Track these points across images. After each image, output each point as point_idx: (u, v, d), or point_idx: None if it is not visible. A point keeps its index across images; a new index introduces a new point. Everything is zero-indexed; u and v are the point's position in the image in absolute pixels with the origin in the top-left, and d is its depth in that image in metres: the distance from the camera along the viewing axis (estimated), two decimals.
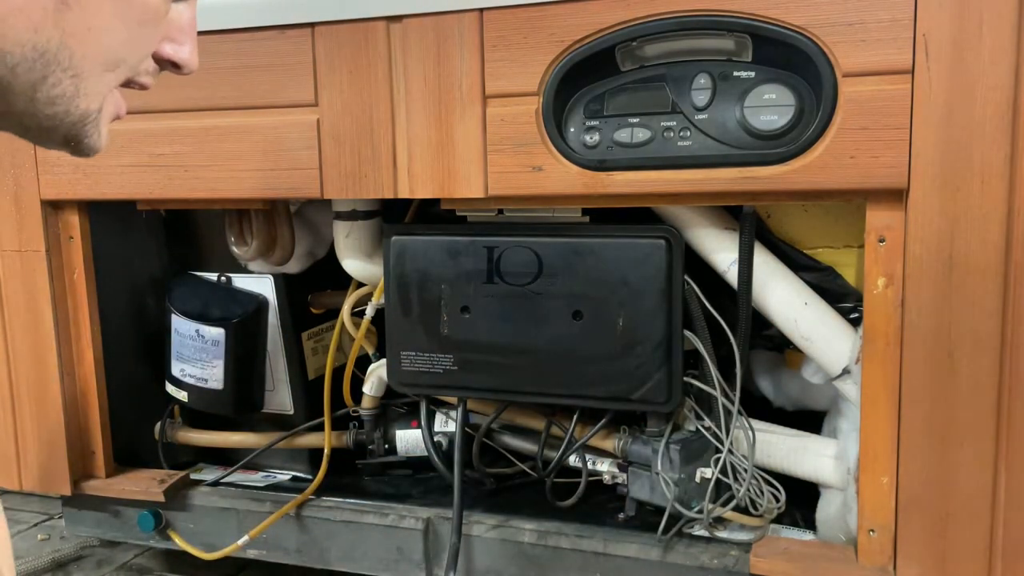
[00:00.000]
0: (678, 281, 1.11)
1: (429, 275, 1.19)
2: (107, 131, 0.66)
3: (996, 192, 0.93)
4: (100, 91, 0.63)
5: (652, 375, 1.12)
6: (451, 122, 1.10)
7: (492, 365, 1.18)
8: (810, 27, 0.96)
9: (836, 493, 1.14)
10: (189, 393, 1.42)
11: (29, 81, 0.58)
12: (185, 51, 0.67)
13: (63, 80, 0.59)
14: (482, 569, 1.24)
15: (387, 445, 1.42)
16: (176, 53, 0.67)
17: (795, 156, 0.99)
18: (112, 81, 0.63)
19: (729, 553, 1.13)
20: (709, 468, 1.15)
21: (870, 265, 1.00)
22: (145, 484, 1.40)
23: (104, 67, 0.62)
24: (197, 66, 0.69)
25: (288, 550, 1.36)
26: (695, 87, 1.03)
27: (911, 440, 1.00)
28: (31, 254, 1.36)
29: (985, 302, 0.95)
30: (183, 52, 0.67)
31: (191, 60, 0.68)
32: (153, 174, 1.26)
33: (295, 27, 1.15)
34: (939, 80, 0.93)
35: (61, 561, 1.56)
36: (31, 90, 0.59)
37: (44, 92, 0.59)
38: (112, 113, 0.66)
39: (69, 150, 0.65)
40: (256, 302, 1.41)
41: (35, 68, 0.58)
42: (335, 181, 1.17)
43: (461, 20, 1.08)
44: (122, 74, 0.64)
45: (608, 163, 1.06)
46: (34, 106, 0.60)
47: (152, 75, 0.67)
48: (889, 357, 1.00)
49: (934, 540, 1.01)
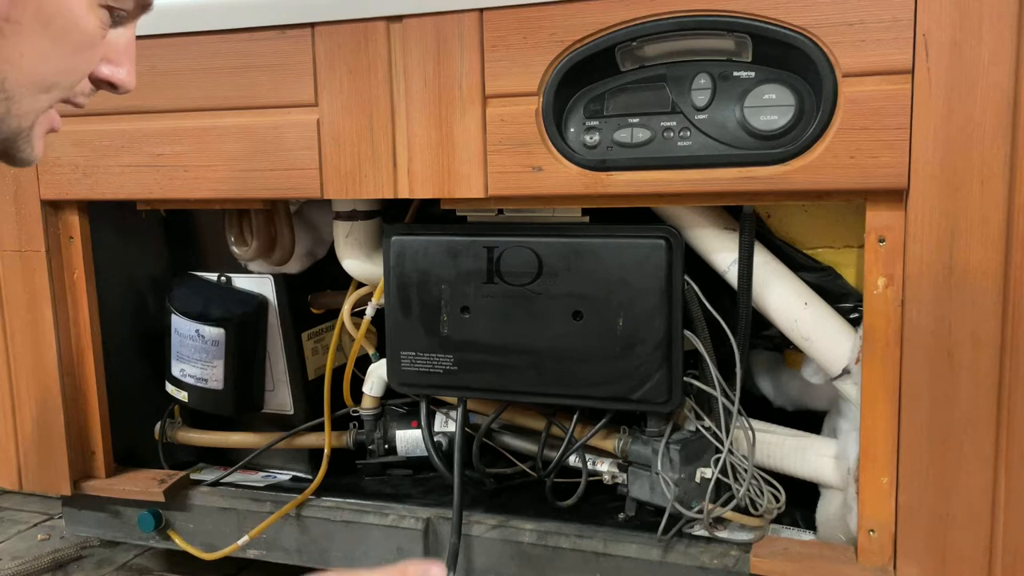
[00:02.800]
0: (678, 281, 1.11)
1: (429, 275, 1.19)
2: (42, 144, 0.68)
3: (996, 192, 0.93)
4: (33, 111, 0.65)
5: (652, 375, 1.12)
6: (451, 122, 1.10)
7: (492, 365, 1.18)
8: (810, 27, 0.96)
9: (836, 493, 1.14)
10: (189, 393, 1.42)
11: None
12: (122, 72, 0.69)
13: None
14: (482, 569, 1.24)
15: (387, 445, 1.42)
16: (113, 75, 0.69)
17: (795, 156, 0.99)
18: (46, 102, 0.65)
19: (729, 553, 1.13)
20: (709, 468, 1.15)
21: (870, 265, 1.00)
22: (145, 484, 1.40)
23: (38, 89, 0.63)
24: (134, 86, 0.71)
25: (288, 550, 1.36)
26: (695, 87, 1.03)
27: (911, 440, 1.00)
28: (31, 254, 1.36)
29: (985, 302, 0.95)
30: (120, 73, 0.69)
31: (128, 81, 0.70)
32: (153, 174, 1.26)
33: (295, 27, 1.15)
34: (939, 80, 0.93)
35: (61, 561, 1.56)
36: None
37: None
38: (46, 127, 0.68)
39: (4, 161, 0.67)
40: (256, 302, 1.41)
41: None
42: (335, 181, 1.17)
43: (461, 20, 1.08)
44: (56, 96, 0.66)
45: (608, 163, 1.06)
46: None
47: (88, 95, 0.69)
48: (889, 357, 1.00)
49: (934, 540, 1.01)
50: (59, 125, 0.70)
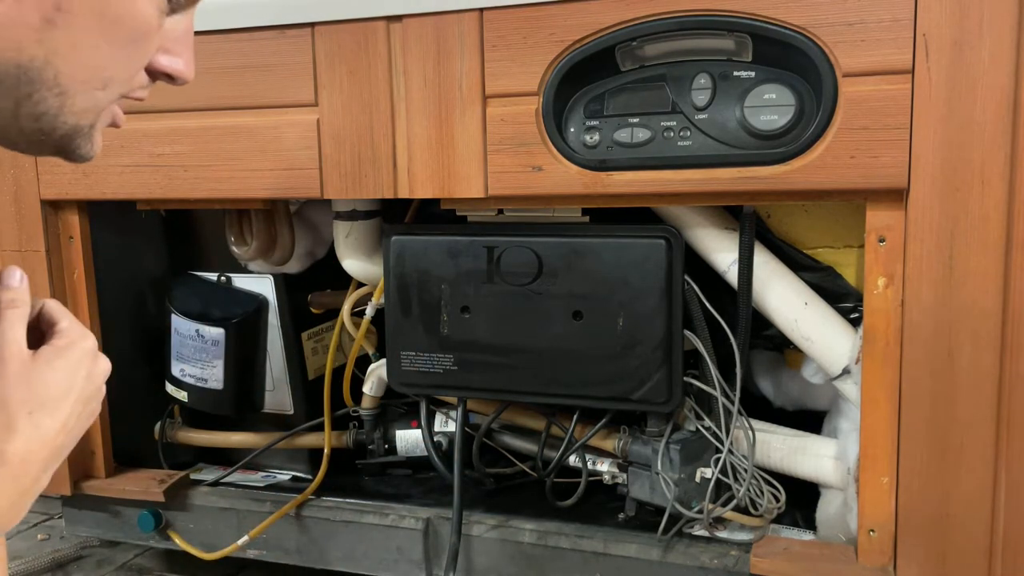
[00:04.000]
0: (678, 281, 1.11)
1: (429, 275, 1.19)
2: (100, 139, 0.65)
3: (996, 192, 0.93)
4: (91, 109, 0.61)
5: (652, 375, 1.12)
6: (451, 122, 1.10)
7: (492, 365, 1.18)
8: (810, 27, 0.96)
9: (836, 493, 1.14)
10: (189, 393, 1.42)
11: (13, 98, 0.57)
12: (180, 63, 0.66)
13: (47, 98, 0.58)
14: (482, 569, 1.24)
15: (387, 445, 1.42)
16: (172, 65, 0.65)
17: (795, 156, 0.99)
18: (104, 99, 0.62)
19: (729, 553, 1.13)
20: (709, 468, 1.15)
21: (870, 265, 1.00)
22: (145, 484, 1.40)
23: (93, 85, 0.60)
24: (193, 77, 0.67)
25: (288, 550, 1.36)
26: (695, 87, 1.03)
27: (911, 440, 1.00)
28: (31, 254, 1.36)
29: (985, 302, 0.95)
30: (179, 64, 0.66)
31: (187, 71, 0.66)
32: (153, 174, 1.26)
33: (295, 27, 1.15)
34: (939, 80, 0.93)
35: (61, 561, 1.56)
36: (15, 106, 0.58)
37: (27, 109, 0.58)
38: (106, 122, 0.65)
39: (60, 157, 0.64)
40: (256, 302, 1.41)
41: (18, 86, 0.57)
42: (335, 181, 1.17)
43: (461, 20, 1.08)
44: (114, 92, 0.62)
45: (608, 163, 1.06)
46: (18, 122, 0.59)
47: (146, 87, 0.66)
48: (889, 357, 1.00)
49: (934, 540, 1.01)
50: (122, 120, 0.66)
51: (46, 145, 0.62)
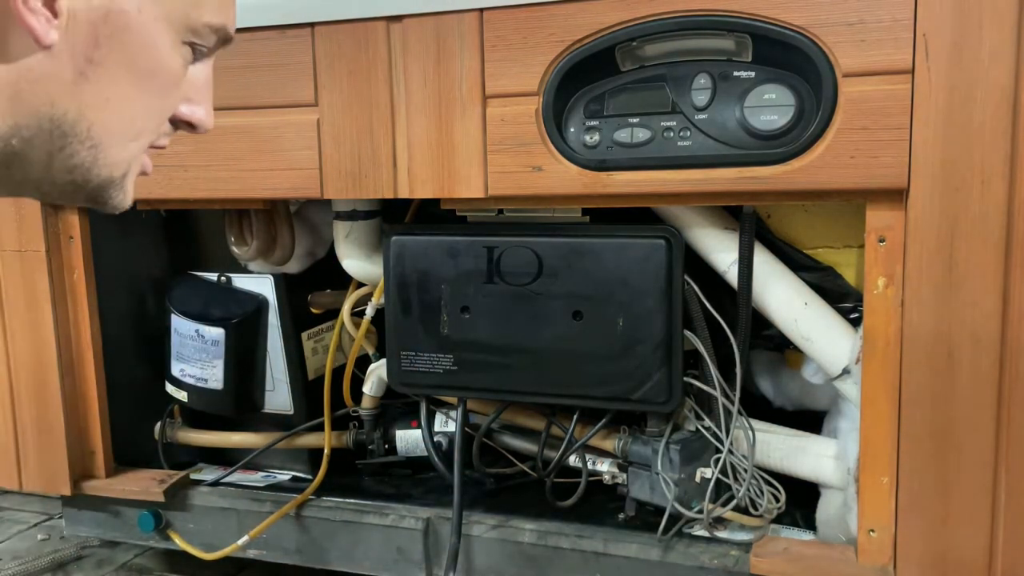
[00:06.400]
0: (678, 281, 1.11)
1: (429, 275, 1.19)
2: (132, 188, 0.65)
3: (996, 192, 0.93)
4: (123, 160, 0.62)
5: (652, 375, 1.12)
6: (451, 122, 1.10)
7: (492, 365, 1.18)
8: (810, 27, 0.96)
9: (836, 493, 1.14)
10: (189, 393, 1.42)
11: (46, 151, 0.57)
12: (201, 111, 0.67)
13: (80, 151, 0.58)
14: (482, 569, 1.24)
15: (387, 445, 1.42)
16: (193, 114, 0.66)
17: (795, 156, 0.99)
18: (135, 150, 0.62)
19: (729, 553, 1.13)
20: (709, 468, 1.15)
21: (870, 265, 1.00)
22: (145, 484, 1.40)
23: (126, 137, 0.60)
24: (212, 126, 0.68)
25: (288, 550, 1.36)
26: (695, 87, 1.03)
27: (911, 440, 1.00)
28: (31, 254, 1.36)
29: (985, 302, 0.95)
30: (200, 112, 0.67)
31: (207, 120, 0.68)
32: (153, 174, 1.25)
33: (295, 27, 1.15)
34: (939, 80, 0.93)
35: (61, 561, 1.56)
36: (48, 159, 0.58)
37: (60, 162, 0.58)
38: (137, 172, 0.65)
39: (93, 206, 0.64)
40: (256, 302, 1.41)
41: (52, 139, 0.57)
42: (335, 181, 1.17)
43: (461, 20, 1.08)
44: (144, 142, 0.63)
45: (608, 163, 1.06)
46: (51, 174, 0.59)
47: (168, 135, 0.66)
48: (889, 357, 1.00)
49: (934, 540, 1.01)
50: (150, 168, 0.66)
51: (79, 196, 0.62)
